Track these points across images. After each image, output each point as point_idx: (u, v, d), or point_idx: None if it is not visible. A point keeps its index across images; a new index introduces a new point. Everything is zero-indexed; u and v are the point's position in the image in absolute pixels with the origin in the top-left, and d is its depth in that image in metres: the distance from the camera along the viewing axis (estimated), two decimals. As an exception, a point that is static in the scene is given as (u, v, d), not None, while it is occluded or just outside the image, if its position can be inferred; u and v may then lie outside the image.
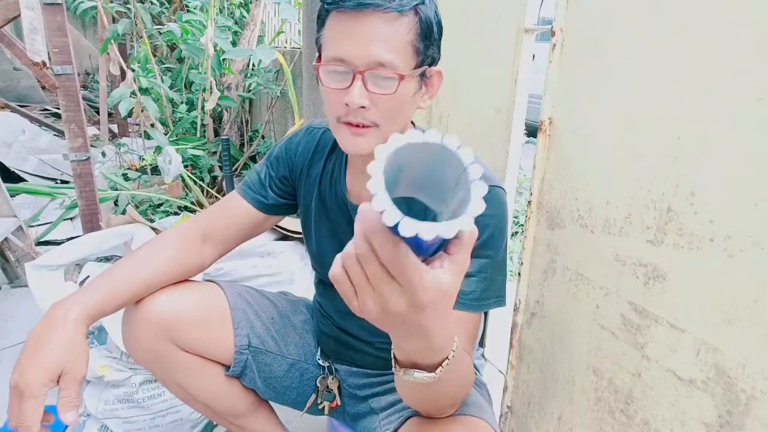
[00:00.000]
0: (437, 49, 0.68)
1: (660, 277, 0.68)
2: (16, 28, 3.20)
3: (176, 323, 0.80)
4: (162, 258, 0.79)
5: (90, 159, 1.79)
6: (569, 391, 0.87)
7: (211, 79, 2.64)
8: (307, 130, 0.86)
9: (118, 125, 3.88)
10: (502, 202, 0.69)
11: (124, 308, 0.82)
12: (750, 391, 0.58)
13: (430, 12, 0.65)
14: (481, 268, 0.67)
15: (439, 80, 0.71)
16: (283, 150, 0.86)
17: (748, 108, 0.56)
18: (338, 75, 0.64)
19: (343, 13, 0.62)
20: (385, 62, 0.62)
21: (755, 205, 0.56)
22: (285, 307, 0.96)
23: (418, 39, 0.64)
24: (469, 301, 0.66)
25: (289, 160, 0.85)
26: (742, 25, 0.57)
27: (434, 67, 0.69)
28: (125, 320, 0.82)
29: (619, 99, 0.73)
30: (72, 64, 1.68)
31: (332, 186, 0.81)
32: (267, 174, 0.86)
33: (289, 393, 0.92)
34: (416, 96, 0.69)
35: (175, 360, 0.82)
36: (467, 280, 0.66)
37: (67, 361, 0.66)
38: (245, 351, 0.86)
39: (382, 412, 0.84)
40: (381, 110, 0.65)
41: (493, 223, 0.67)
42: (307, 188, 0.84)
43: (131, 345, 0.82)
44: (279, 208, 0.87)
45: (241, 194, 0.86)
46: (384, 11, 0.61)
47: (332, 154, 0.82)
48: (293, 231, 1.63)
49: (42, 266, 1.20)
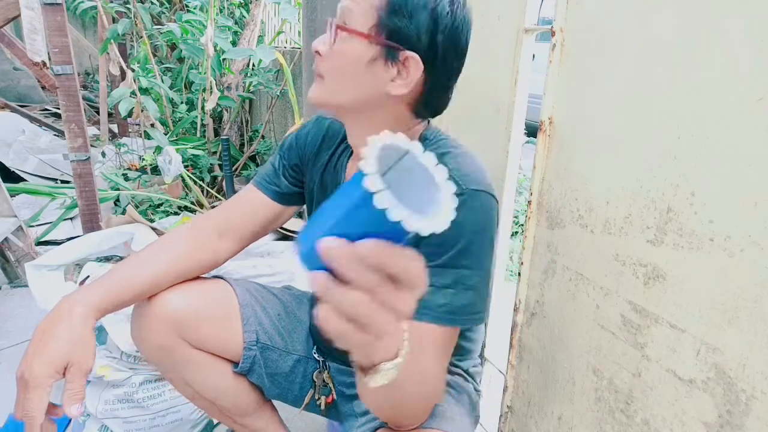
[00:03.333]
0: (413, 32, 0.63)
1: (660, 277, 0.68)
2: (16, 28, 3.20)
3: (187, 320, 0.80)
4: (169, 256, 0.79)
5: (90, 159, 1.79)
6: (569, 391, 0.87)
7: (211, 79, 2.64)
8: (316, 120, 0.87)
9: (118, 125, 3.88)
10: (484, 209, 0.64)
11: (134, 305, 0.82)
12: (750, 391, 0.58)
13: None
14: (457, 280, 0.62)
15: (416, 67, 0.65)
16: (293, 139, 0.87)
17: (748, 108, 0.56)
18: None
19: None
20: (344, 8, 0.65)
21: (755, 204, 0.56)
22: (290, 303, 0.96)
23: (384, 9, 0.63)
24: (442, 314, 0.62)
25: (300, 149, 0.86)
26: (742, 24, 0.57)
27: (408, 52, 0.64)
28: (135, 317, 0.82)
29: (619, 99, 0.73)
30: (72, 64, 1.68)
31: (333, 174, 0.82)
32: (280, 163, 0.86)
33: (292, 389, 0.92)
34: (376, 69, 0.65)
35: (184, 357, 0.82)
36: (442, 292, 0.62)
37: (74, 353, 0.66)
38: (254, 347, 0.86)
39: (361, 417, 0.83)
40: (327, 62, 0.67)
41: (470, 230, 0.62)
42: (312, 175, 0.85)
43: (142, 342, 0.82)
44: (293, 197, 0.87)
45: (256, 186, 0.86)
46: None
47: (341, 145, 0.82)
48: (293, 231, 1.63)
49: (42, 266, 1.20)
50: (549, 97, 0.87)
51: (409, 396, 0.55)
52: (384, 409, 0.58)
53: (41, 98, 5.17)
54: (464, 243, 0.62)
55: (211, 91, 2.63)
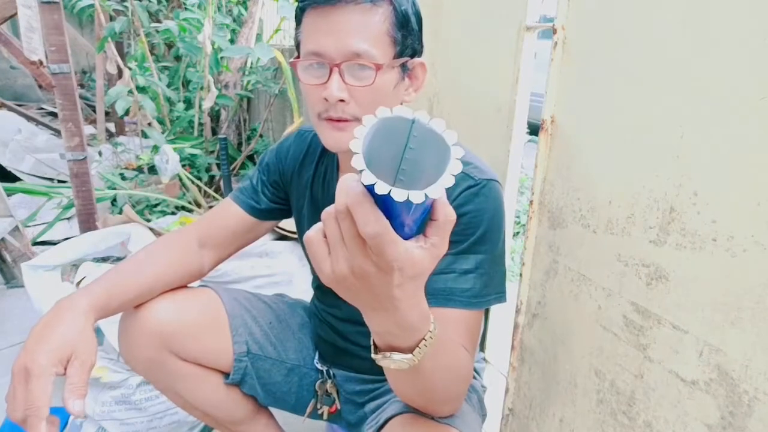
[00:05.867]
0: (417, 40, 0.67)
1: (663, 277, 0.68)
2: (13, 27, 3.18)
3: (174, 333, 0.79)
4: (165, 260, 0.79)
5: (87, 158, 1.78)
6: (571, 393, 0.86)
7: (209, 78, 2.63)
8: (297, 134, 0.87)
9: (115, 124, 3.86)
10: (497, 196, 0.69)
11: (121, 317, 0.81)
12: (753, 392, 0.57)
13: (406, 2, 0.64)
14: (478, 265, 0.66)
15: (423, 72, 0.69)
16: (273, 155, 0.86)
17: (750, 107, 0.56)
18: (315, 70, 0.64)
19: (317, 9, 0.62)
20: (361, 52, 0.62)
21: (758, 204, 0.55)
22: (283, 311, 0.95)
23: (395, 28, 0.63)
24: (467, 298, 0.66)
25: (280, 165, 0.85)
26: (744, 23, 0.56)
27: (416, 59, 0.68)
28: (122, 330, 0.80)
29: (621, 97, 0.73)
30: (69, 62, 1.67)
31: (324, 189, 0.81)
32: (259, 179, 0.86)
33: (288, 398, 0.91)
34: (398, 88, 0.68)
35: (173, 369, 0.81)
36: (465, 277, 0.66)
37: (77, 345, 0.63)
38: (244, 358, 0.85)
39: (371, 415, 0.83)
40: (361, 103, 0.64)
41: (488, 217, 0.66)
42: (299, 192, 0.84)
43: (129, 355, 0.81)
44: (271, 213, 0.86)
45: (233, 200, 0.86)
46: (356, 3, 0.61)
47: (323, 157, 0.82)
48: (292, 231, 1.62)
49: (39, 266, 1.19)
50: (550, 95, 0.86)
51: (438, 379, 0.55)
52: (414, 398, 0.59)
53: (38, 97, 5.15)
54: (483, 229, 0.66)
55: (209, 89, 2.62)
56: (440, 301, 0.65)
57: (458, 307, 0.65)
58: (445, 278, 0.65)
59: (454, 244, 0.66)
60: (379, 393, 0.86)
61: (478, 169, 0.68)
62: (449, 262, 0.66)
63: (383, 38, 0.63)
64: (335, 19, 0.61)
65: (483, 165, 0.70)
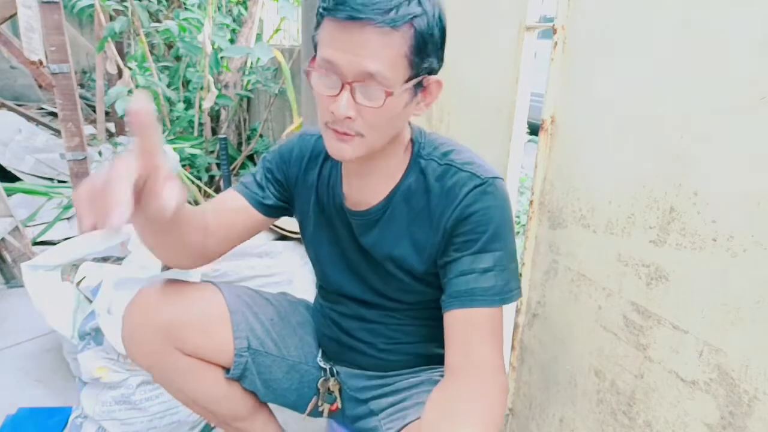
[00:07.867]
0: (437, 58, 0.65)
1: (663, 277, 0.68)
2: (13, 27, 3.18)
3: (177, 327, 0.79)
4: None
5: (87, 158, 1.78)
6: (571, 393, 0.86)
7: (209, 78, 2.63)
8: (300, 137, 0.86)
9: (115, 124, 3.85)
10: (503, 193, 0.70)
11: (125, 312, 0.81)
12: (752, 392, 0.57)
13: (430, 21, 0.62)
14: (496, 262, 0.67)
15: (438, 89, 0.68)
16: (277, 155, 0.85)
17: (750, 107, 0.56)
18: (328, 81, 0.63)
19: (336, 21, 0.60)
20: (375, 74, 0.60)
21: (758, 204, 0.56)
22: (285, 308, 0.95)
23: (413, 52, 0.62)
24: (491, 296, 0.67)
25: (284, 166, 0.84)
26: (745, 21, 0.56)
27: (432, 77, 0.67)
28: (125, 324, 0.81)
29: (621, 97, 0.73)
30: (69, 62, 1.67)
31: (329, 192, 0.80)
32: (263, 177, 0.84)
33: (289, 395, 0.91)
34: (409, 106, 0.67)
35: (175, 364, 0.81)
36: (485, 276, 0.67)
37: None
38: (245, 353, 0.85)
39: (381, 412, 0.84)
40: (367, 121, 0.64)
41: (497, 214, 0.68)
42: (305, 196, 0.83)
43: (132, 349, 0.82)
44: (276, 210, 0.85)
45: (240, 194, 0.84)
46: (376, 25, 0.58)
47: (327, 160, 0.81)
48: (292, 231, 1.62)
49: (39, 266, 1.19)
50: (551, 95, 0.87)
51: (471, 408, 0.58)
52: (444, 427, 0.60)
53: (38, 97, 5.14)
54: (494, 227, 0.67)
55: (209, 89, 2.62)
56: (464, 302, 0.66)
57: (483, 306, 0.66)
58: (466, 279, 0.67)
59: (468, 243, 0.67)
60: (384, 391, 0.86)
61: (482, 168, 0.70)
62: (468, 263, 0.67)
63: (400, 61, 0.61)
64: (353, 36, 0.60)
65: (485, 164, 0.71)
